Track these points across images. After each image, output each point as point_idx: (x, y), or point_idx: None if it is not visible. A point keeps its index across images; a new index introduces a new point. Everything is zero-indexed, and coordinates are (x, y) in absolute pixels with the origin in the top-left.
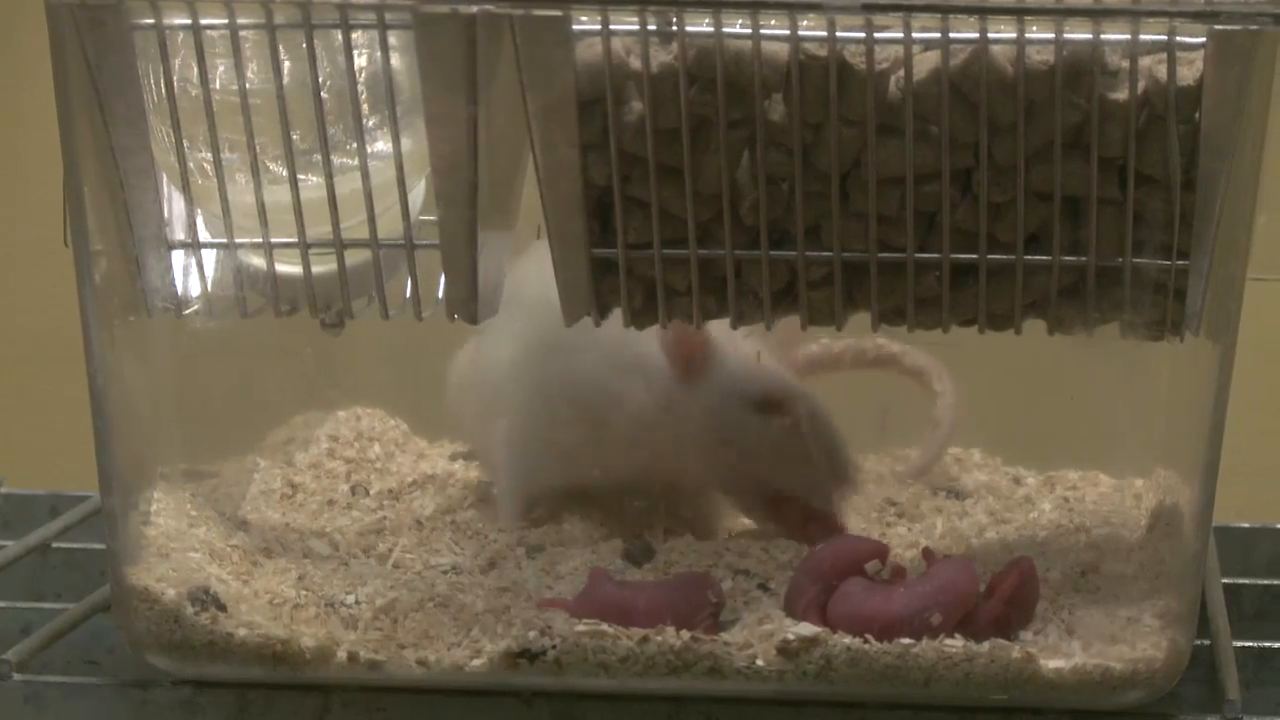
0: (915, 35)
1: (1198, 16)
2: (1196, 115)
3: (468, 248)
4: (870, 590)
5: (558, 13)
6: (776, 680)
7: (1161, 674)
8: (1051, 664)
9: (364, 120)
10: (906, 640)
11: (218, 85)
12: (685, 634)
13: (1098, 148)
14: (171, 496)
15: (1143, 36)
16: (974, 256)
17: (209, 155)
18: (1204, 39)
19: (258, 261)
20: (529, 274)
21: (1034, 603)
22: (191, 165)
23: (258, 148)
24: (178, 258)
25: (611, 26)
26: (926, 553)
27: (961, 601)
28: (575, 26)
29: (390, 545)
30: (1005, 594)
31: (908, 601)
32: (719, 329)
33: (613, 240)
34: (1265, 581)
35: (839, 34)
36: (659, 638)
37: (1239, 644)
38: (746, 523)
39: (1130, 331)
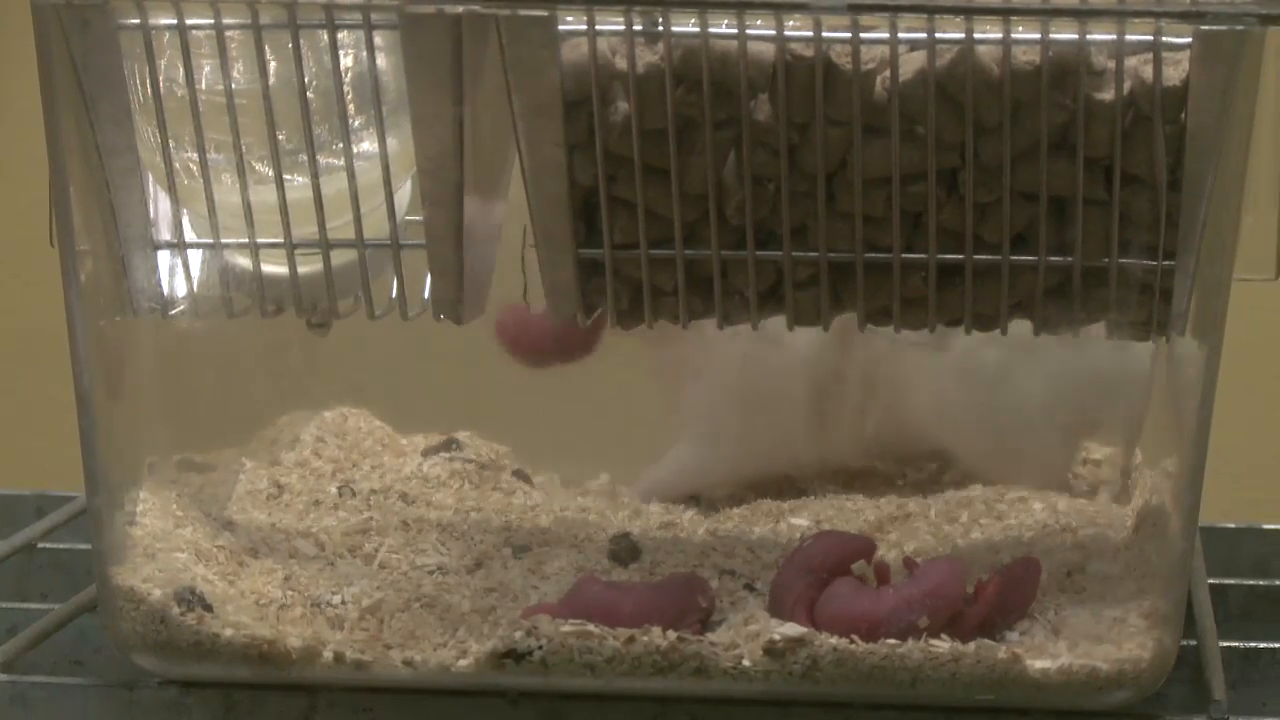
0: (901, 35)
1: (1183, 17)
2: (1182, 115)
3: (454, 248)
4: (859, 591)
5: (543, 13)
6: (763, 680)
7: (1147, 674)
8: (1038, 664)
9: (350, 120)
10: (893, 641)
11: (203, 85)
12: (671, 634)
13: (1083, 148)
14: (157, 497)
15: (1128, 37)
16: (960, 257)
17: (195, 155)
18: (1190, 39)
19: (244, 262)
20: None
21: (1029, 601)
22: (177, 165)
23: (243, 148)
24: (163, 258)
25: (597, 27)
26: (908, 561)
27: (949, 605)
28: (561, 26)
29: (376, 545)
30: (989, 599)
31: (896, 603)
32: None
33: (599, 241)
34: (1251, 582)
35: (825, 34)
36: (645, 638)
37: (1225, 644)
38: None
39: (1116, 332)
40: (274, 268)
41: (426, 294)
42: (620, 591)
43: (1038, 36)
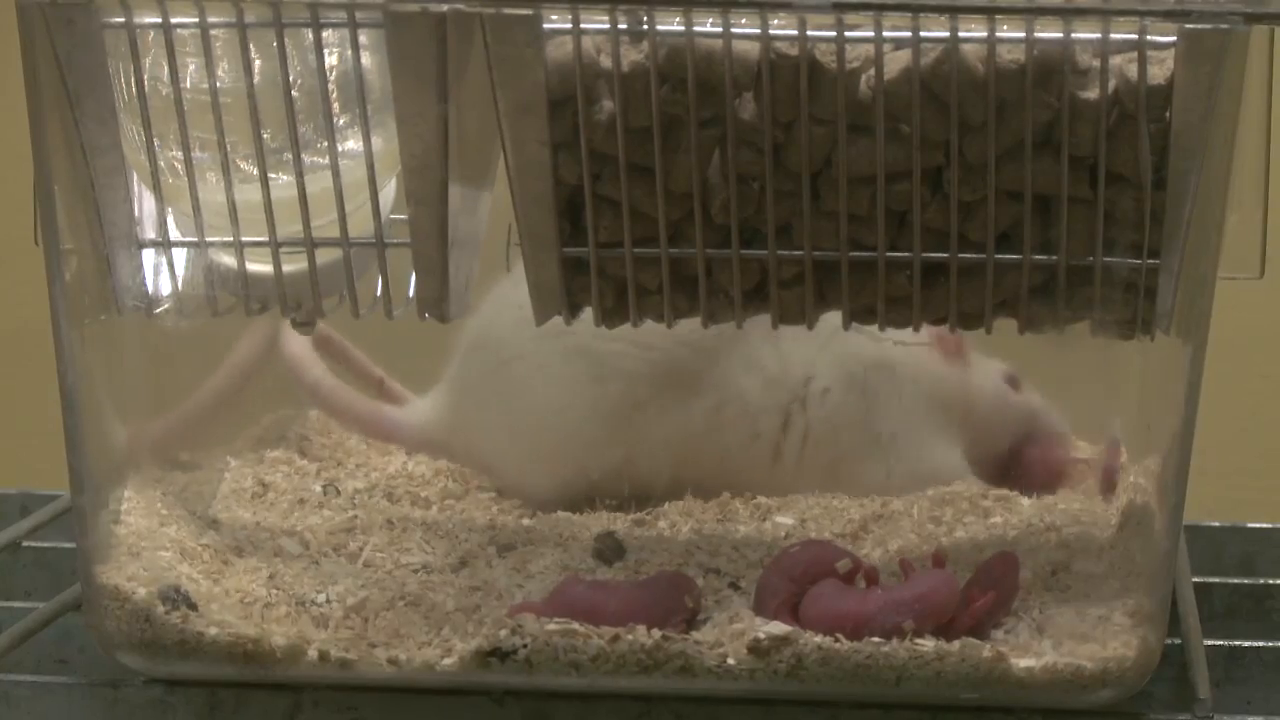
0: (886, 34)
1: (1168, 16)
2: (1167, 114)
3: (438, 246)
4: (844, 591)
5: (528, 11)
6: (747, 679)
7: (1132, 673)
8: (1022, 663)
9: (335, 119)
10: (877, 639)
11: (188, 84)
12: (656, 633)
13: (1068, 146)
14: (142, 495)
15: (1113, 35)
16: (945, 255)
17: (179, 153)
18: (1174, 38)
19: (228, 260)
20: None
21: (1012, 597)
22: (162, 164)
23: (228, 146)
24: (148, 256)
25: (582, 25)
26: (904, 563)
27: (937, 613)
28: (546, 25)
29: (361, 544)
30: (979, 613)
31: (883, 605)
32: None
33: (584, 239)
34: (1235, 580)
35: (810, 33)
36: (630, 636)
37: (1209, 643)
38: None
39: (1101, 330)
40: (258, 266)
41: (411, 292)
42: (605, 591)
43: (1023, 35)
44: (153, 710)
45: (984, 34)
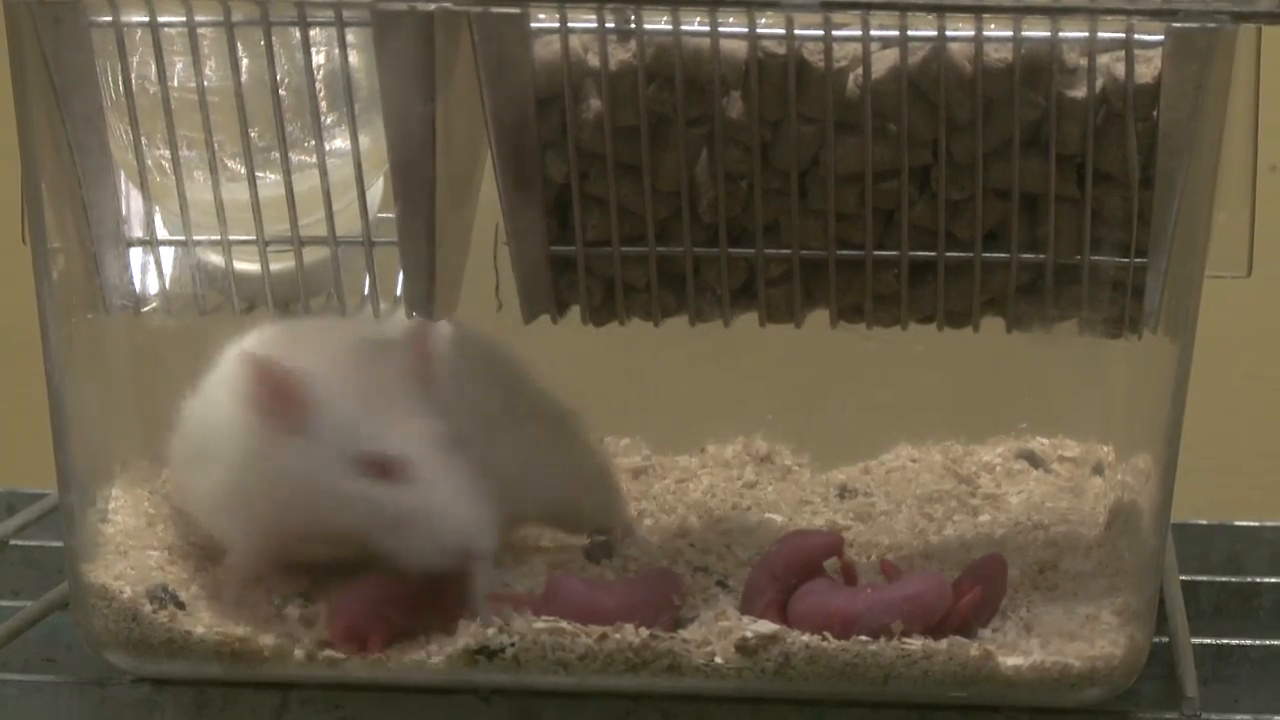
0: (874, 33)
1: (1156, 15)
2: (1154, 113)
3: (426, 245)
4: (833, 589)
5: (516, 10)
6: (735, 677)
7: (1120, 671)
8: (1010, 661)
9: (322, 118)
10: (865, 638)
11: (176, 83)
12: (644, 631)
13: (1056, 145)
14: (129, 494)
15: (1101, 34)
16: (932, 254)
17: (167, 153)
18: (1162, 37)
19: (216, 259)
20: None
21: (1000, 598)
22: (150, 163)
23: (216, 145)
24: (136, 255)
25: (570, 24)
26: (885, 565)
27: (927, 614)
28: (533, 24)
29: None
30: (966, 609)
31: (872, 604)
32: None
33: (571, 237)
34: (1223, 579)
35: (797, 32)
36: (617, 635)
37: (1197, 641)
38: None
39: (1088, 329)
40: (246, 265)
41: (399, 291)
42: (602, 588)
43: (1010, 34)
44: (140, 709)
45: (971, 33)
